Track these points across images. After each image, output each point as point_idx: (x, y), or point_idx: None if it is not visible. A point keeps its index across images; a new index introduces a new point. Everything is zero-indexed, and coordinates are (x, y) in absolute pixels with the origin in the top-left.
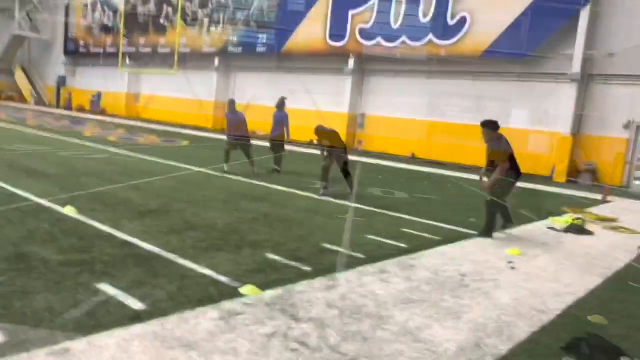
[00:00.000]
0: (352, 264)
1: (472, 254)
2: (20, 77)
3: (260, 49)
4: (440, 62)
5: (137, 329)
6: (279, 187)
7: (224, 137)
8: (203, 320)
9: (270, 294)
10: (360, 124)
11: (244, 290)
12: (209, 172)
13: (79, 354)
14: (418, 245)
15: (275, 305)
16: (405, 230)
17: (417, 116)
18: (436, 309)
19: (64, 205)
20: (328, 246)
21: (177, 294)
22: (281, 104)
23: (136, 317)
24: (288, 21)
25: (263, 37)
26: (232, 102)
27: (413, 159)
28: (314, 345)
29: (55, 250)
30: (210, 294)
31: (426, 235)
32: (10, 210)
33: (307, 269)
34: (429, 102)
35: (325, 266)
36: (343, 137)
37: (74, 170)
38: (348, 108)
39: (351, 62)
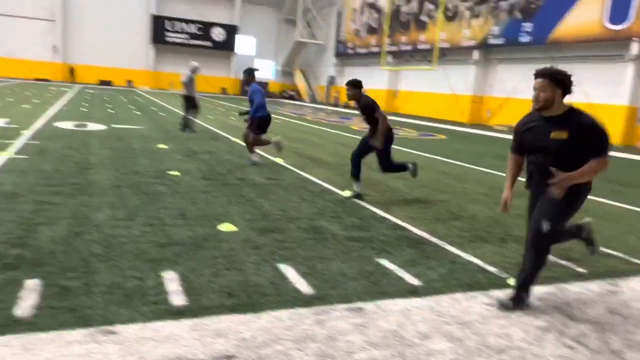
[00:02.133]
0: (635, 271)
1: None
2: (299, 78)
3: (523, 39)
4: None
5: (415, 301)
6: None
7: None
8: (474, 303)
9: (541, 289)
10: None
11: (512, 281)
12: (466, 165)
13: (370, 313)
14: None
15: (548, 301)
16: None
17: None
18: None
19: (342, 189)
20: (605, 249)
21: (448, 277)
22: None
23: (413, 291)
24: (557, 7)
25: (528, 26)
26: None
27: None
28: (594, 347)
29: (341, 226)
30: (478, 281)
31: None
32: (304, 190)
33: (582, 270)
34: None
35: (601, 269)
36: (619, 133)
37: (345, 159)
38: (628, 100)
39: (635, 47)
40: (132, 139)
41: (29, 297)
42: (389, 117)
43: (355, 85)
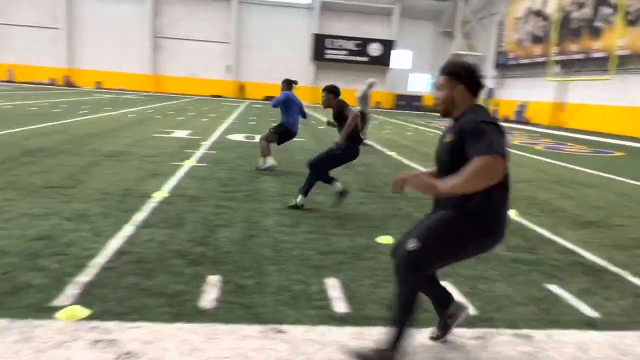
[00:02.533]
0: None
1: None
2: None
3: None
4: None
5: (593, 334)
6: None
7: None
8: None
9: None
10: None
11: None
12: None
13: (540, 342)
14: None
15: None
16: None
17: None
18: None
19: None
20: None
21: (632, 311)
22: None
23: (590, 324)
24: None
25: None
26: None
27: None
28: None
29: (505, 247)
30: None
31: None
32: None
33: None
34: None
35: None
36: None
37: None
38: None
39: None
40: (294, 150)
41: (211, 291)
42: (556, 132)
43: (330, 91)
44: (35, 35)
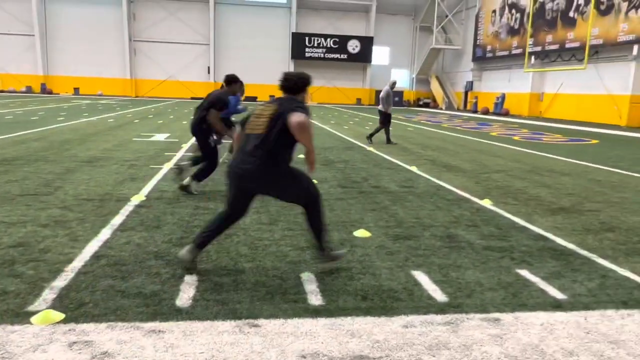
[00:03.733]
0: None
1: None
2: (434, 85)
3: None
4: None
5: (560, 315)
6: None
7: None
8: (629, 321)
9: None
10: None
11: None
12: (624, 172)
13: (508, 325)
14: None
15: None
16: None
17: None
18: None
19: (480, 197)
20: None
21: (598, 292)
22: None
23: (557, 305)
24: None
25: None
26: None
27: None
28: None
29: (478, 235)
30: (636, 298)
31: None
32: (438, 198)
33: None
34: None
35: None
36: None
37: (484, 167)
38: None
39: None
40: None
41: (188, 290)
42: (534, 123)
43: (229, 82)
44: (9, 43)
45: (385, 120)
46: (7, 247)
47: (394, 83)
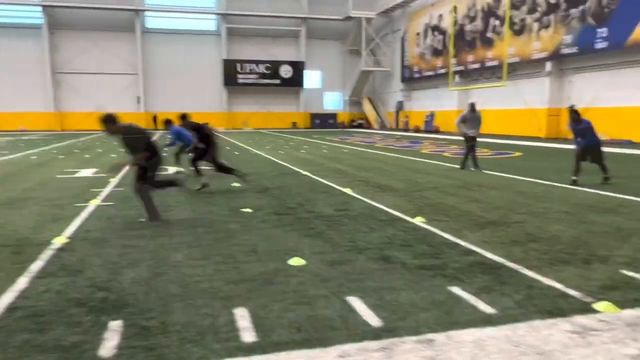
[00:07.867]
0: None
1: None
2: (367, 106)
3: (599, 45)
4: None
5: (490, 331)
6: (636, 198)
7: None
8: (555, 331)
9: (630, 313)
10: None
11: (598, 306)
12: (546, 182)
13: (441, 345)
14: None
15: (638, 326)
16: None
17: None
18: None
19: (412, 216)
20: None
21: (525, 303)
22: None
23: (488, 320)
24: (634, 7)
25: (603, 31)
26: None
27: None
28: None
29: (411, 255)
30: (559, 307)
31: None
32: (373, 220)
33: None
34: None
35: None
36: None
37: (416, 185)
38: None
39: None
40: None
41: (112, 337)
42: (461, 139)
43: (106, 122)
44: None
45: (469, 144)
46: None
47: (472, 104)
